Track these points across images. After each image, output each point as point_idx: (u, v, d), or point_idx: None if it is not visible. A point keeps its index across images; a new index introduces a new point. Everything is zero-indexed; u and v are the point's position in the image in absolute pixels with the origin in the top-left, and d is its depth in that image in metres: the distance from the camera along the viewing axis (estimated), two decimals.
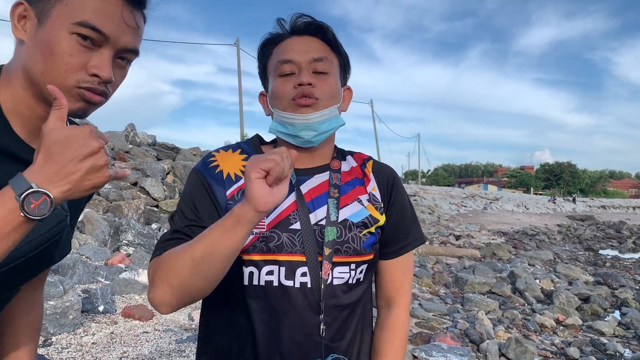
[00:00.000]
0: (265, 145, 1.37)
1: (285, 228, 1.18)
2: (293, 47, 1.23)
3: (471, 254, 12.93)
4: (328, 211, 1.21)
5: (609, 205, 58.84)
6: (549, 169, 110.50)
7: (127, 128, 14.21)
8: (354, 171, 1.34)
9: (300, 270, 1.16)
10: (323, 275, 1.17)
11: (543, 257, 13.58)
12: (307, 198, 1.23)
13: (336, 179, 1.28)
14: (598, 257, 15.21)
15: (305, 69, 1.21)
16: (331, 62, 1.25)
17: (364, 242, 1.23)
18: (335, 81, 1.25)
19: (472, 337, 5.62)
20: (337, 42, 1.28)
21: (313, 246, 1.17)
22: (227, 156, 1.29)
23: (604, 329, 6.69)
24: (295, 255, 1.17)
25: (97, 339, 4.15)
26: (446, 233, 17.34)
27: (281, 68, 1.22)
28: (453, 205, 32.68)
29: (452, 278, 9.31)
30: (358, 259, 1.22)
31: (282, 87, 1.22)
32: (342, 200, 1.25)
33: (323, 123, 1.22)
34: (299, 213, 1.20)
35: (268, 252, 1.16)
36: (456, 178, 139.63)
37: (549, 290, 8.83)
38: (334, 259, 1.19)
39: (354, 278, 1.23)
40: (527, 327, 6.56)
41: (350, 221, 1.22)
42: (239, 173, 1.24)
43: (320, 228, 1.20)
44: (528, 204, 44.02)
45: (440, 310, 6.88)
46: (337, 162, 1.32)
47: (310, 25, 1.25)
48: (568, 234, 22.86)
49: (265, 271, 1.16)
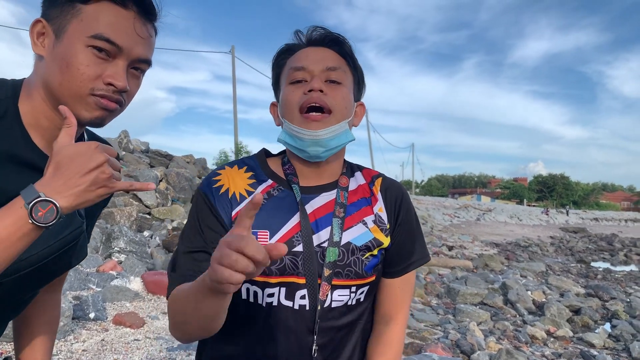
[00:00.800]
0: (272, 157, 1.36)
1: (288, 250, 1.13)
2: (307, 55, 1.23)
3: (463, 265, 12.94)
4: (331, 231, 1.20)
5: (601, 217, 59.08)
6: (542, 181, 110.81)
7: (121, 134, 14.19)
8: (362, 190, 1.32)
9: (300, 292, 1.16)
10: (321, 297, 1.16)
11: (535, 268, 13.63)
12: (311, 218, 1.21)
13: (343, 198, 1.26)
14: (590, 269, 15.26)
15: (318, 77, 1.19)
16: (345, 73, 1.23)
17: (366, 265, 1.21)
18: (347, 93, 1.23)
19: (463, 348, 5.63)
20: (353, 55, 1.26)
21: (313, 269, 1.16)
22: (232, 174, 1.27)
23: (594, 341, 6.71)
24: (296, 277, 1.16)
25: (88, 346, 4.13)
26: (439, 244, 17.35)
27: (293, 75, 1.21)
28: (446, 216, 32.74)
29: (445, 289, 9.32)
30: (359, 282, 1.21)
31: (292, 93, 1.20)
32: (347, 221, 1.23)
33: (332, 139, 1.20)
34: (302, 235, 1.18)
35: (270, 274, 1.15)
36: (450, 189, 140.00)
37: (540, 302, 8.85)
38: (334, 282, 1.18)
39: (353, 299, 1.22)
40: (518, 339, 6.58)
41: (354, 245, 1.21)
42: (244, 193, 1.23)
43: (323, 250, 1.18)
44: (521, 216, 44.15)
45: (432, 320, 6.89)
46: (345, 179, 1.30)
47: (326, 37, 1.24)
48: (560, 245, 22.93)
49: (267, 293, 1.16)
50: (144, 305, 5.55)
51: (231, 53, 27.82)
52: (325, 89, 1.18)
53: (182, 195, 12.05)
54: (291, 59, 1.25)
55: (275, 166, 1.31)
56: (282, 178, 1.27)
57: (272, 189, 1.25)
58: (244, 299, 1.19)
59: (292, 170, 1.28)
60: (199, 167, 15.74)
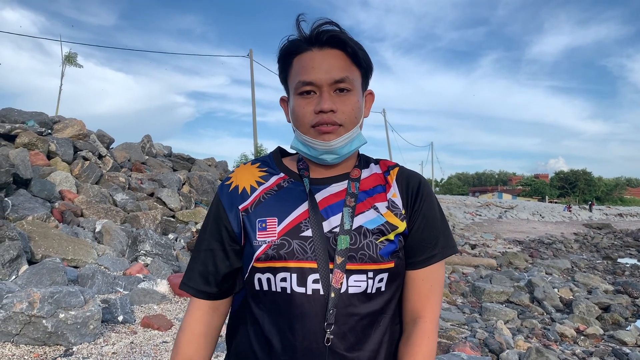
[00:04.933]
0: (287, 157, 1.39)
1: (296, 235, 1.18)
2: (314, 65, 1.21)
3: (487, 263, 12.82)
4: (342, 219, 1.20)
5: (626, 213, 58.03)
6: (564, 177, 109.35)
7: (144, 139, 14.34)
8: (375, 178, 1.32)
9: (312, 277, 1.15)
10: (334, 284, 1.15)
11: (560, 265, 13.43)
12: (321, 206, 1.23)
13: (354, 188, 1.27)
14: (617, 266, 15.00)
15: (327, 92, 1.20)
16: (353, 77, 1.23)
17: (381, 249, 1.19)
18: (357, 99, 1.24)
19: (492, 347, 5.56)
20: (359, 54, 1.24)
21: (324, 253, 1.16)
22: (243, 170, 1.34)
23: (626, 339, 6.57)
24: (307, 262, 1.16)
25: (117, 348, 4.17)
26: (462, 242, 17.22)
27: (302, 88, 1.22)
28: (468, 214, 32.49)
29: (469, 287, 9.23)
30: (375, 266, 1.18)
31: (302, 110, 1.22)
32: (358, 207, 1.24)
33: (344, 147, 1.24)
34: (310, 220, 1.20)
35: (279, 259, 1.17)
36: (470, 187, 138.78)
37: (568, 299, 8.72)
38: (349, 266, 1.16)
39: (372, 287, 1.19)
40: (547, 337, 6.48)
41: (365, 228, 1.20)
42: (254, 185, 1.29)
43: (334, 235, 1.18)
44: (543, 213, 43.59)
45: (459, 319, 6.82)
46: (357, 170, 1.31)
47: (331, 39, 1.22)
48: (585, 242, 22.58)
49: (279, 278, 1.17)
50: (171, 307, 5.59)
51: (249, 57, 27.95)
52: (335, 104, 1.20)
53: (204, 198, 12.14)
54: (297, 64, 1.24)
55: (290, 163, 1.35)
56: (294, 172, 1.31)
57: (283, 181, 1.29)
58: (257, 289, 1.21)
59: (305, 166, 1.31)
60: (220, 169, 15.85)
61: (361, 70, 1.27)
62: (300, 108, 1.22)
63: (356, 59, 1.24)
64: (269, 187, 1.29)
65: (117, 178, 10.62)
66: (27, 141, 9.77)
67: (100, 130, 12.81)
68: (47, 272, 5.26)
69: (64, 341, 4.00)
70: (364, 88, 1.31)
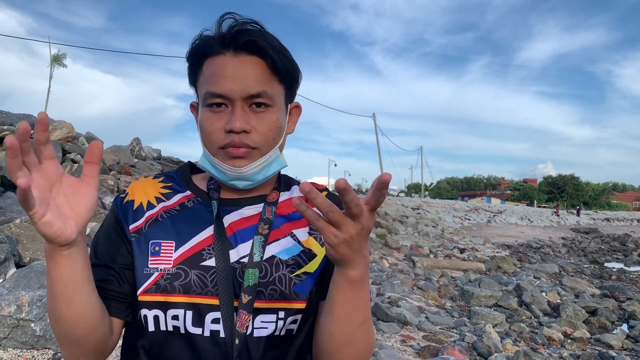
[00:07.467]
0: (198, 174, 1.20)
1: (195, 264, 1.00)
2: (226, 73, 1.01)
3: (476, 267, 12.89)
4: (252, 250, 1.02)
5: (613, 217, 58.61)
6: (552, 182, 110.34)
7: (133, 142, 14.28)
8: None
9: (210, 315, 0.97)
10: (239, 327, 0.96)
11: (548, 269, 13.54)
12: (229, 231, 1.04)
13: (269, 213, 1.08)
14: (604, 270, 15.14)
15: (240, 107, 1.01)
16: (273, 90, 1.04)
17: (295, 284, 1.02)
18: (276, 116, 1.05)
19: (480, 350, 5.60)
20: (280, 64, 1.05)
21: (228, 288, 0.98)
22: (144, 183, 1.14)
23: (612, 342, 6.64)
24: (205, 297, 0.98)
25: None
26: (450, 246, 17.30)
27: (210, 100, 1.02)
28: (457, 219, 32.62)
29: (458, 291, 9.28)
30: (286, 305, 1.01)
31: (210, 127, 1.03)
32: (273, 234, 1.06)
33: (259, 173, 1.05)
34: (215, 248, 1.01)
35: (172, 292, 0.98)
36: (459, 191, 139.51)
37: (555, 303, 8.79)
38: (257, 304, 0.98)
39: (282, 329, 1.01)
40: (535, 340, 6.53)
41: (278, 258, 1.03)
42: (153, 201, 1.09)
43: (242, 267, 1.00)
44: (532, 217, 43.89)
45: (447, 323, 6.86)
46: (275, 193, 1.13)
47: (249, 44, 1.02)
48: (573, 246, 22.77)
49: (170, 315, 0.98)
50: None
51: None
52: (250, 123, 1.01)
53: None
54: (207, 69, 1.05)
55: (200, 181, 1.16)
56: (202, 191, 1.12)
57: (188, 200, 1.10)
58: (144, 328, 1.01)
59: (215, 186, 1.12)
60: None
61: (284, 82, 1.07)
62: (208, 124, 1.03)
63: (277, 69, 1.04)
64: (170, 205, 1.09)
65: (106, 181, 10.57)
66: None
67: (89, 133, 12.76)
68: (35, 275, 5.22)
69: (53, 345, 3.98)
70: (289, 101, 1.12)
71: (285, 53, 1.06)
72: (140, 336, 1.02)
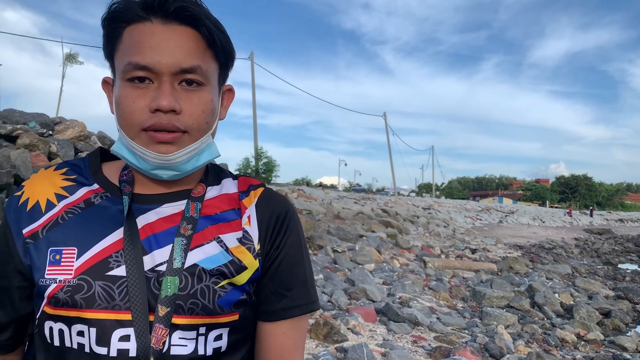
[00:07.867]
0: (110, 162, 1.03)
1: (100, 274, 0.86)
2: (152, 43, 0.86)
3: (488, 268, 12.80)
4: (172, 254, 0.88)
5: (626, 218, 58.04)
6: (565, 182, 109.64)
7: None
8: (228, 200, 1.00)
9: (117, 333, 0.84)
10: (155, 344, 0.84)
11: (561, 270, 13.42)
12: (143, 234, 0.90)
13: (194, 211, 0.94)
14: (617, 271, 14.98)
15: (168, 83, 0.87)
16: (206, 67, 0.91)
17: (220, 297, 0.89)
18: (210, 97, 0.92)
19: (492, 352, 5.55)
20: (217, 36, 0.91)
21: (142, 300, 0.85)
22: (42, 177, 0.97)
23: (627, 344, 6.56)
24: (112, 312, 0.84)
25: None
26: (462, 247, 17.20)
27: (132, 73, 0.87)
28: (468, 219, 32.47)
29: (470, 292, 9.21)
30: (210, 320, 0.88)
31: (131, 104, 0.87)
32: (195, 238, 0.92)
33: (189, 161, 0.92)
34: (125, 254, 0.87)
35: (73, 306, 0.84)
36: (470, 191, 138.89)
37: (568, 305, 8.71)
38: (174, 319, 0.86)
39: (207, 348, 0.89)
40: (548, 342, 6.47)
41: (201, 267, 0.89)
42: (52, 199, 0.93)
43: (158, 276, 0.87)
44: (544, 217, 43.60)
45: (459, 324, 6.81)
46: (202, 187, 0.99)
47: (181, 10, 0.87)
48: (585, 247, 22.55)
49: (75, 330, 0.85)
50: None
51: (250, 59, 28.02)
52: (179, 102, 0.87)
53: None
54: (129, 37, 0.88)
55: (110, 171, 1.00)
56: (112, 184, 0.97)
57: (94, 196, 0.94)
58: (49, 342, 0.88)
59: (129, 178, 0.97)
60: None
61: (219, 59, 0.95)
62: (128, 101, 0.87)
63: (213, 43, 0.91)
64: (73, 202, 0.93)
65: None
66: (28, 142, 9.79)
67: (101, 132, 12.83)
68: None
69: None
70: (222, 82, 0.99)
71: (221, 27, 0.94)
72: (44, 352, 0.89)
